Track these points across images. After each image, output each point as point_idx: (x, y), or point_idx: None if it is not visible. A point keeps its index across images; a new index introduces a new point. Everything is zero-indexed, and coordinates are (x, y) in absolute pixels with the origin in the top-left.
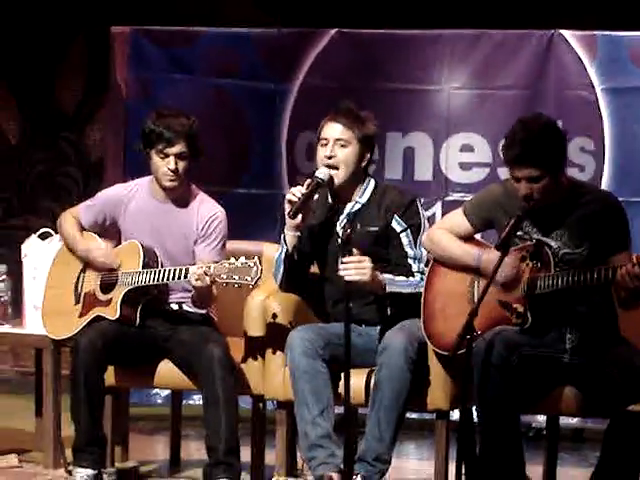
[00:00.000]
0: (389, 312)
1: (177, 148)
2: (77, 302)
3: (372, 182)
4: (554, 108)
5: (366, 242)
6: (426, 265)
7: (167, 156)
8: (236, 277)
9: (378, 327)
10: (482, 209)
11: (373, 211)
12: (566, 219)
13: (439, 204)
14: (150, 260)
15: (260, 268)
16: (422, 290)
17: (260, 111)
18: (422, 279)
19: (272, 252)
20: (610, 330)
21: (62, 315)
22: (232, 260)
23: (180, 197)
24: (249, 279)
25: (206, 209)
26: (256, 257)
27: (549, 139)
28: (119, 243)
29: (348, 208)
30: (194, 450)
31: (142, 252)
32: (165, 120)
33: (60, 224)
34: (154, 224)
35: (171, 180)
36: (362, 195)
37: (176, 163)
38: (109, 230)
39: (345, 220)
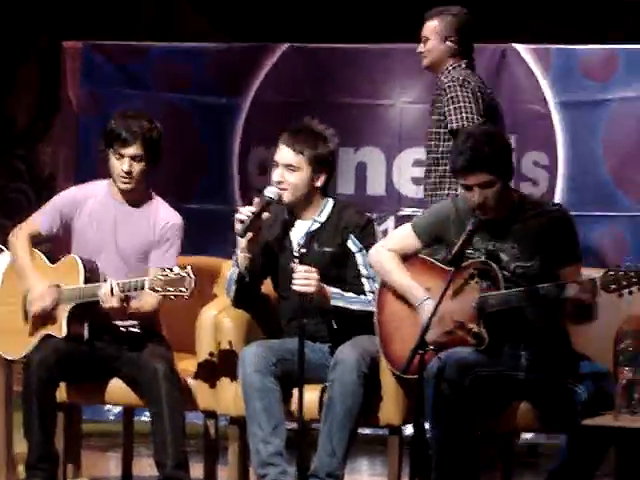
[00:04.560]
0: (334, 326)
1: (132, 150)
2: (26, 320)
3: (330, 202)
4: (508, 122)
5: (322, 263)
6: None
7: (122, 157)
8: (171, 289)
9: (328, 344)
10: (432, 225)
11: (330, 231)
12: (517, 232)
13: (392, 219)
14: (91, 274)
15: (193, 278)
16: (372, 309)
17: (212, 126)
18: (374, 299)
19: (223, 268)
20: (563, 344)
21: (13, 334)
22: (166, 272)
23: (139, 200)
24: (183, 290)
25: (164, 214)
26: (189, 267)
27: (495, 143)
28: (69, 245)
29: (306, 227)
30: (146, 466)
31: (82, 267)
32: (126, 121)
33: (12, 244)
34: (109, 224)
35: (124, 182)
36: (320, 214)
37: (130, 165)
38: (63, 236)
39: (302, 239)
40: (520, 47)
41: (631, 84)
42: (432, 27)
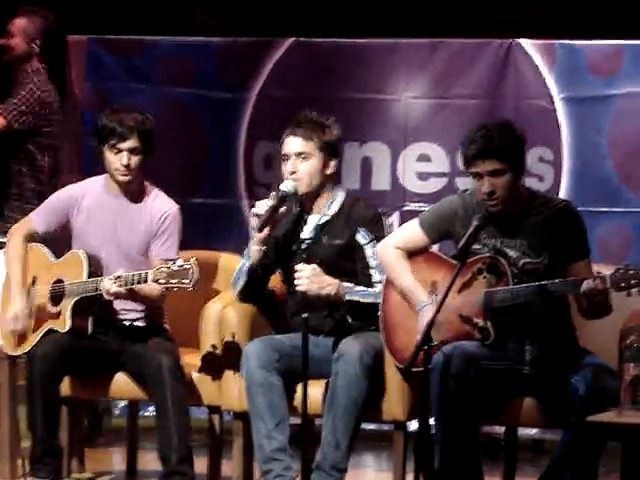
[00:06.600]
0: (349, 320)
1: (129, 143)
2: (30, 316)
3: (341, 194)
4: (513, 117)
5: (330, 256)
6: None
7: (120, 151)
8: (174, 281)
9: (333, 338)
10: (439, 221)
11: (340, 224)
12: (525, 228)
13: (397, 214)
14: (95, 268)
15: (197, 270)
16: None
17: (217, 120)
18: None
19: (228, 262)
20: (569, 340)
21: None
22: (169, 264)
23: (134, 192)
24: (187, 282)
25: (160, 204)
26: (193, 259)
27: (508, 133)
28: (69, 244)
29: (315, 219)
30: (150, 461)
31: (86, 261)
32: (118, 115)
33: (6, 246)
34: (108, 219)
35: (124, 175)
36: (330, 207)
37: (129, 158)
38: (62, 233)
39: (312, 233)
40: (525, 42)
41: (636, 79)
42: (20, 25)
